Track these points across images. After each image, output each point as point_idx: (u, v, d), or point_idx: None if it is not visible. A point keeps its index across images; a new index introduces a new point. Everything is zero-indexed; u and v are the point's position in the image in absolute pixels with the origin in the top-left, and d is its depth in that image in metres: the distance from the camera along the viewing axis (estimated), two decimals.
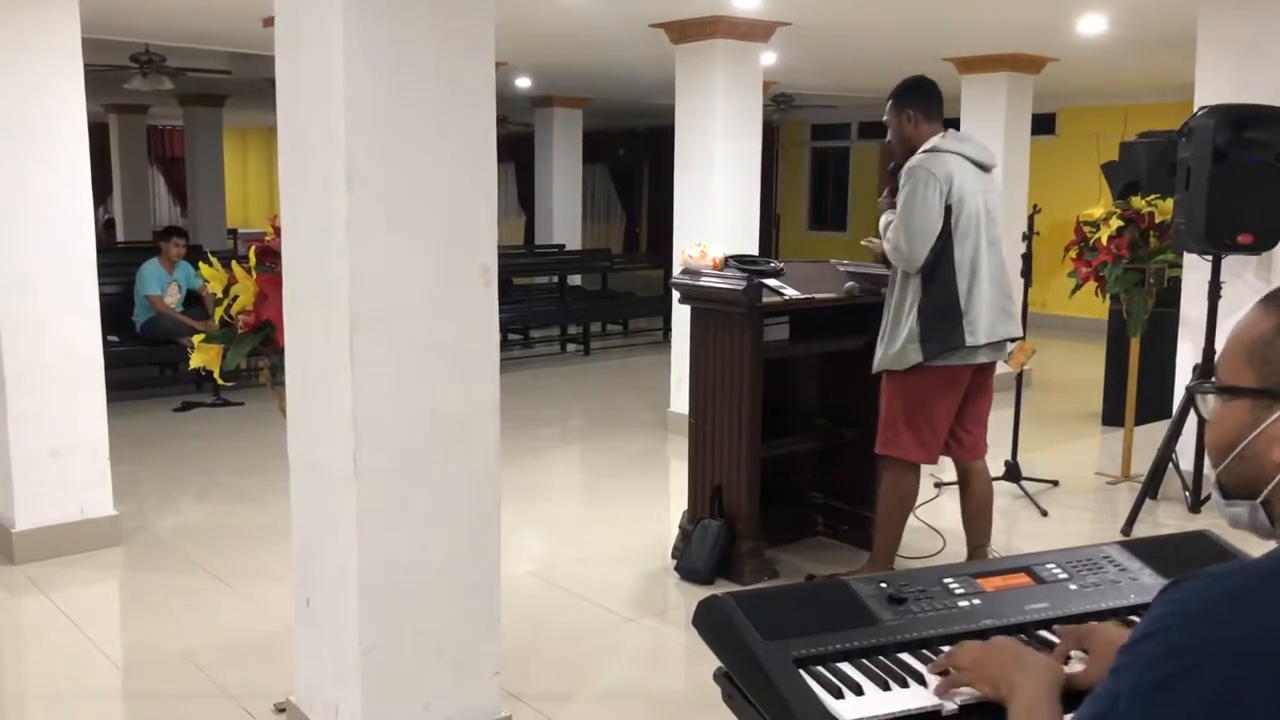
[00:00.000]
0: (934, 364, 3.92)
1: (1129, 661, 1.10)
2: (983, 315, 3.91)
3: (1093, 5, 6.46)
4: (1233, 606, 1.06)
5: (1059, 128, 12.32)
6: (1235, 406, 1.21)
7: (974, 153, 4.01)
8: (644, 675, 3.81)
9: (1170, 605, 1.10)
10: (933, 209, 3.86)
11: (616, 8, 6.53)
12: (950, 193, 3.87)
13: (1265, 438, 1.17)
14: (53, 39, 4.52)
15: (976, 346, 3.93)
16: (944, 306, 3.89)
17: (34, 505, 4.65)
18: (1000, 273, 4.00)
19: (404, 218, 2.74)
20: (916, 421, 4.02)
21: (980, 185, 3.97)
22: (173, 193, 18.86)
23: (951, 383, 4.00)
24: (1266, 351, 1.18)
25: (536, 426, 7.58)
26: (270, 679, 3.49)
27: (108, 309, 5.49)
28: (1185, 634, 1.06)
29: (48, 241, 4.58)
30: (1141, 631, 1.11)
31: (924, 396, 3.99)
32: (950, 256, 3.88)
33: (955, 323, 3.89)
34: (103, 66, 8.95)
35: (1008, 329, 4.04)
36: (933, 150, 3.95)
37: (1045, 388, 8.75)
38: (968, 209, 3.90)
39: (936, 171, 3.88)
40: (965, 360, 3.96)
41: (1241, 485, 1.22)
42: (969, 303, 3.90)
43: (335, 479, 2.80)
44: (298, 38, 2.80)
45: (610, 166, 18.64)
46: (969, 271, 3.90)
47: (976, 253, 3.92)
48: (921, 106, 4.07)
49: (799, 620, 1.56)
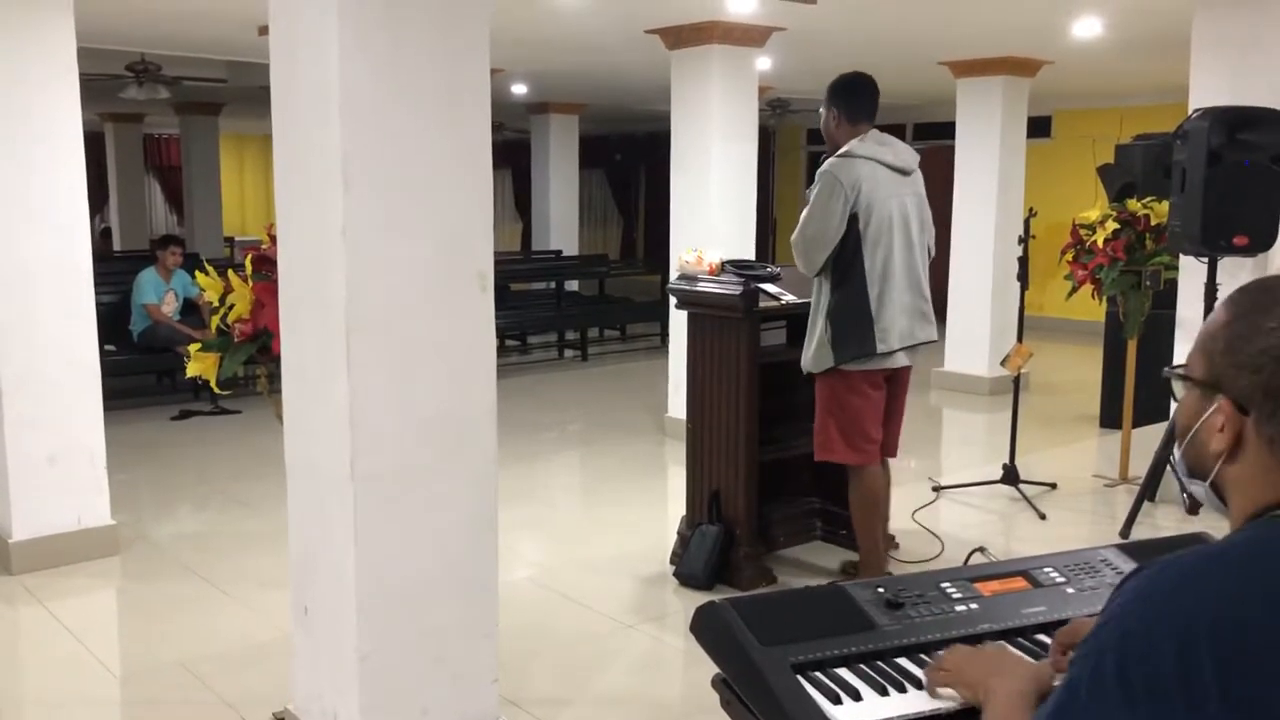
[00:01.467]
0: (847, 368, 3.96)
1: (1088, 650, 1.13)
2: (895, 321, 3.94)
3: (1088, 8, 6.47)
4: (1182, 589, 1.10)
5: (1055, 130, 12.34)
6: (1190, 395, 1.27)
7: (891, 158, 3.99)
8: (642, 681, 3.80)
9: (1125, 594, 1.14)
10: (833, 217, 3.87)
11: (612, 14, 6.53)
12: (857, 200, 3.88)
13: (1205, 427, 1.24)
14: (48, 48, 4.52)
15: (889, 352, 3.96)
16: (855, 312, 3.92)
17: (31, 515, 4.64)
18: (916, 277, 4.02)
19: (400, 223, 2.74)
20: (844, 425, 4.06)
21: (895, 189, 3.96)
22: (169, 201, 18.86)
23: (868, 387, 4.03)
24: (1212, 345, 1.23)
25: (534, 432, 7.57)
26: (268, 687, 3.48)
27: (105, 318, 5.49)
28: (1137, 619, 1.10)
29: (44, 250, 4.57)
30: (1100, 622, 1.15)
31: (846, 399, 4.03)
32: (860, 263, 3.91)
33: (867, 329, 3.92)
34: (99, 75, 8.94)
35: (926, 332, 4.07)
36: (846, 155, 3.97)
37: (1042, 390, 8.75)
38: (878, 215, 3.90)
39: (843, 179, 3.89)
40: (879, 365, 3.99)
41: (1196, 467, 1.29)
42: (880, 309, 3.91)
43: (332, 484, 2.80)
44: (293, 43, 2.80)
45: (607, 172, 18.65)
46: (880, 278, 3.91)
47: (889, 258, 3.93)
48: (846, 107, 4.06)
49: (797, 626, 1.56)
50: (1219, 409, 1.21)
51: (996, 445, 6.40)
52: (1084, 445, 7.17)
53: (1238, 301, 1.24)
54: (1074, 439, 7.31)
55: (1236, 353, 1.20)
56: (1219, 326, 1.24)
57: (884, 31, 7.26)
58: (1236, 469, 1.21)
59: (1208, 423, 1.23)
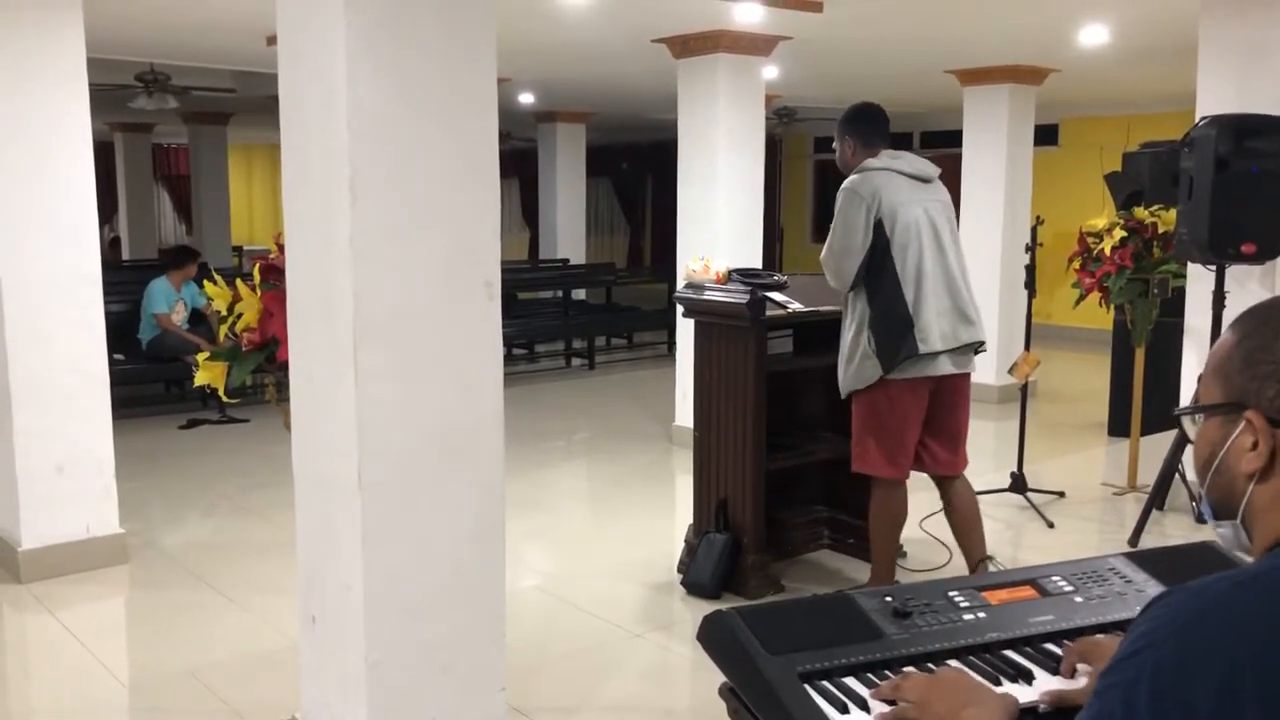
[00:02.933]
0: (894, 377, 3.94)
1: (1116, 680, 1.08)
2: (934, 322, 3.91)
3: (1094, 16, 6.47)
4: (1218, 618, 1.06)
5: (1062, 138, 12.33)
6: (1209, 424, 1.25)
7: (906, 167, 4.05)
8: (649, 690, 3.80)
9: (1155, 621, 1.09)
10: (856, 227, 3.92)
11: (619, 23, 6.55)
12: (880, 208, 3.91)
13: (1233, 450, 1.20)
14: (59, 59, 4.55)
15: (934, 354, 3.92)
16: (894, 318, 3.91)
17: (40, 523, 4.66)
18: (953, 278, 4.00)
19: (408, 232, 2.75)
20: (883, 438, 4.03)
21: (917, 196, 3.99)
22: (178, 210, 18.93)
23: (914, 396, 4.00)
24: (1228, 366, 1.22)
25: (541, 440, 7.58)
26: (276, 695, 3.49)
27: (113, 326, 5.51)
28: (1171, 649, 1.05)
29: (53, 259, 4.59)
30: (1128, 649, 1.09)
31: (888, 412, 4.00)
32: (892, 268, 3.91)
33: (907, 331, 3.89)
34: (108, 85, 8.99)
35: (970, 334, 4.01)
36: (861, 171, 4.05)
37: (1050, 398, 8.73)
38: (903, 219, 3.92)
39: (861, 190, 3.95)
40: (925, 371, 3.95)
41: (1222, 501, 1.25)
42: (918, 310, 3.90)
43: (340, 493, 2.80)
44: (301, 53, 2.81)
45: (614, 181, 18.67)
46: (914, 280, 3.91)
47: (920, 261, 3.93)
48: (860, 134, 4.17)
49: (804, 634, 1.55)
50: (1247, 427, 1.18)
51: (1004, 453, 6.39)
52: (1092, 453, 7.15)
53: (1245, 322, 1.22)
54: (1082, 447, 7.30)
55: (1258, 364, 1.17)
56: (1230, 348, 1.21)
57: (890, 40, 7.26)
58: (1267, 489, 1.17)
59: (1236, 444, 1.19)
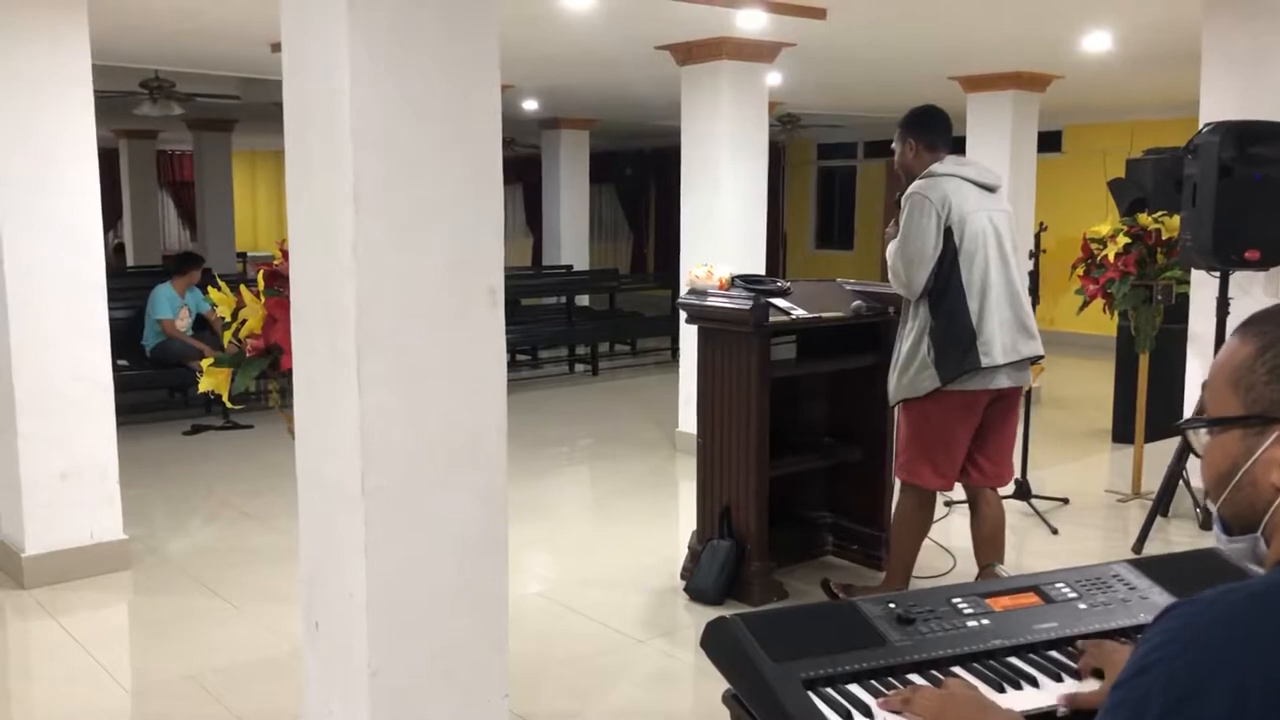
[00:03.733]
0: (951, 389, 3.86)
1: (1129, 694, 1.07)
2: (997, 335, 3.84)
3: (1097, 23, 6.47)
4: (1229, 632, 1.04)
5: (1065, 145, 12.33)
6: (1227, 437, 1.21)
7: (974, 174, 3.99)
8: (652, 697, 3.79)
9: (1165, 635, 1.07)
10: (928, 234, 3.83)
11: (622, 30, 6.56)
12: (949, 215, 3.84)
13: (1261, 463, 1.17)
14: (64, 66, 4.56)
15: (995, 368, 3.84)
16: (957, 328, 3.83)
17: (44, 529, 4.66)
18: (1015, 290, 3.94)
19: (411, 239, 2.75)
20: (933, 449, 3.96)
21: (984, 204, 3.93)
22: (182, 217, 18.97)
23: (969, 408, 3.92)
24: (1250, 378, 1.18)
25: (544, 446, 7.57)
26: (278, 701, 3.49)
27: (117, 333, 5.51)
28: (1183, 663, 1.04)
29: (58, 265, 4.60)
30: (1137, 664, 1.08)
31: (941, 423, 3.93)
32: (958, 278, 3.84)
33: (970, 344, 3.82)
34: (113, 92, 9.01)
35: (1030, 347, 3.94)
36: (929, 176, 3.95)
37: (1054, 405, 8.72)
38: (971, 228, 3.86)
39: (931, 196, 3.86)
40: (983, 384, 3.87)
41: (1240, 515, 1.22)
42: (981, 322, 3.83)
43: (343, 500, 2.80)
44: (305, 60, 2.81)
45: (617, 187, 18.69)
46: (979, 291, 3.84)
47: (986, 271, 3.86)
48: (923, 136, 4.07)
49: (808, 641, 1.55)
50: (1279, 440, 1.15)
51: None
52: (1096, 460, 7.14)
53: (1262, 331, 1.19)
54: (1086, 454, 7.29)
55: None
56: (1249, 358, 1.18)
57: (894, 47, 7.27)
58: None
59: (1264, 458, 1.16)
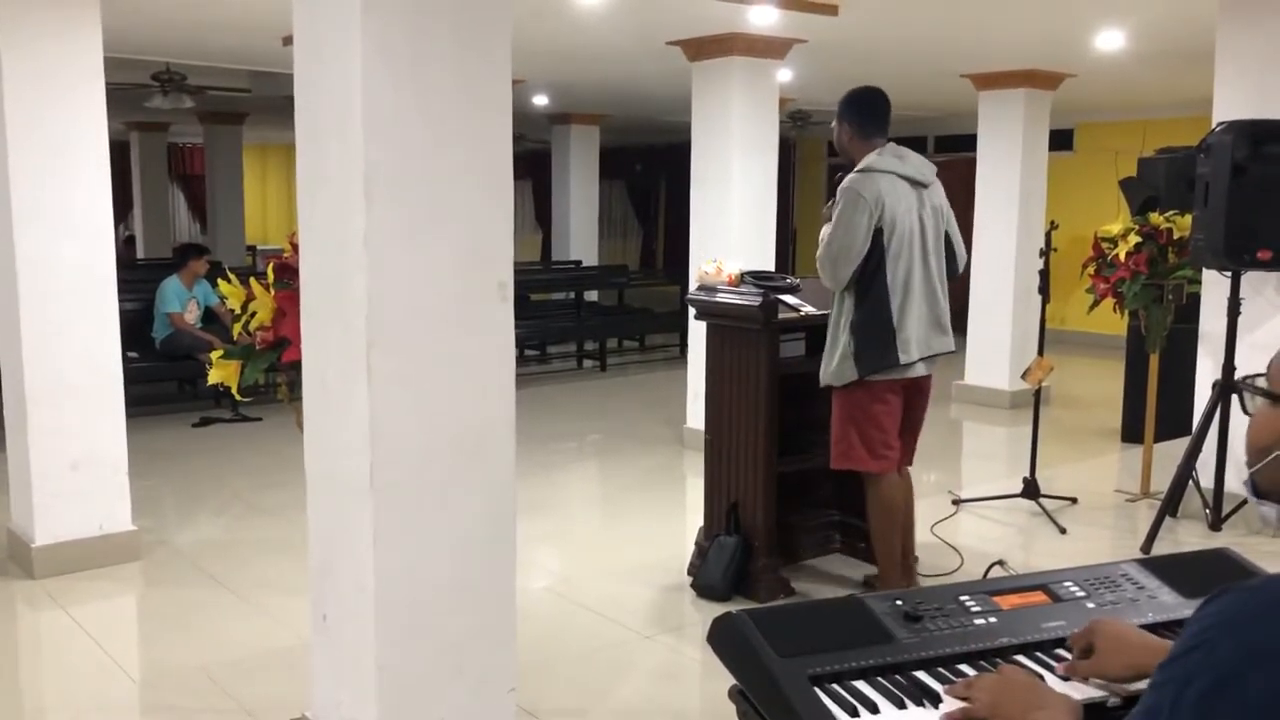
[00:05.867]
0: (870, 379, 4.01)
1: (1170, 677, 1.09)
2: (915, 333, 4.00)
3: (1110, 21, 6.45)
4: (1274, 616, 1.06)
5: (1077, 144, 12.28)
6: (1275, 413, 1.24)
7: (910, 170, 4.05)
8: (659, 692, 3.80)
9: (1210, 619, 1.10)
10: (858, 231, 3.91)
11: (633, 25, 6.55)
12: (882, 215, 3.93)
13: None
14: (76, 58, 4.57)
15: (910, 363, 4.01)
16: (878, 325, 3.97)
17: (54, 520, 4.68)
18: (933, 288, 4.08)
19: (422, 233, 2.75)
20: (866, 432, 4.09)
21: (914, 202, 4.02)
22: (192, 210, 19.00)
23: (890, 395, 4.08)
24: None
25: (553, 442, 7.58)
26: (287, 694, 3.49)
27: (128, 325, 5.53)
28: (1226, 646, 1.06)
29: (69, 257, 4.62)
30: (1182, 646, 1.10)
31: (867, 409, 4.08)
32: (883, 276, 3.96)
33: (889, 342, 3.97)
34: (124, 85, 9.03)
35: (942, 343, 4.12)
36: (866, 170, 4.01)
37: (1064, 404, 8.70)
38: (900, 228, 3.96)
39: (866, 194, 3.93)
40: (900, 375, 4.04)
41: (1274, 485, 1.25)
42: (901, 321, 3.97)
43: (352, 493, 2.81)
44: (317, 54, 2.82)
45: (627, 183, 18.68)
46: (902, 290, 3.97)
47: (910, 271, 3.99)
48: (857, 121, 4.12)
49: (815, 638, 1.55)
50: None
51: (1017, 459, 6.37)
52: (1105, 460, 7.12)
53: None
54: (1095, 453, 7.27)
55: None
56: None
57: (906, 44, 7.25)
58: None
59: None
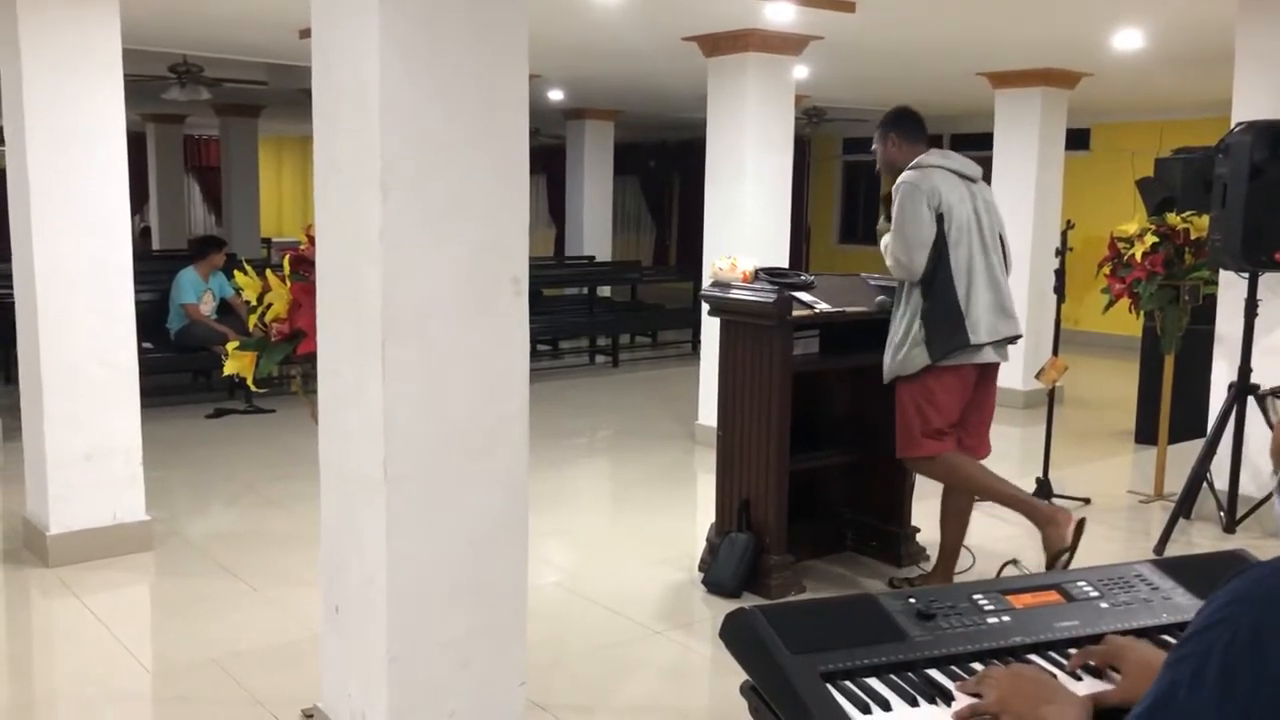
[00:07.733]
0: (941, 364, 4.11)
1: (1189, 652, 1.10)
2: (983, 316, 4.12)
3: (1128, 21, 6.42)
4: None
5: (1093, 144, 12.22)
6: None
7: (957, 165, 4.25)
8: (670, 688, 3.80)
9: (1232, 594, 1.11)
10: (924, 219, 4.09)
11: (649, 21, 6.55)
12: (940, 204, 4.10)
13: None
14: (94, 50, 4.59)
15: (980, 345, 4.11)
16: (946, 310, 4.09)
17: (68, 509, 4.71)
18: (995, 276, 4.20)
19: (437, 227, 2.76)
20: (930, 419, 4.18)
21: (966, 194, 4.19)
22: (208, 201, 19.07)
23: (958, 380, 4.17)
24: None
25: (564, 437, 7.59)
26: (297, 685, 3.51)
27: (143, 316, 5.55)
28: (1247, 621, 1.07)
29: (85, 248, 4.64)
30: (1202, 622, 1.12)
31: (934, 395, 4.17)
32: (946, 263, 4.11)
33: (958, 324, 4.09)
34: (141, 76, 9.06)
35: (1009, 327, 4.21)
36: (917, 167, 4.20)
37: (1078, 405, 8.67)
38: (957, 217, 4.12)
39: (922, 185, 4.12)
40: (970, 359, 4.14)
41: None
42: (969, 304, 4.10)
43: (365, 486, 2.82)
44: (334, 48, 2.82)
45: (641, 179, 18.67)
46: (965, 275, 4.11)
47: (971, 258, 4.13)
48: (903, 131, 4.35)
49: (827, 634, 1.55)
50: None
51: (1030, 459, 6.35)
52: (1119, 460, 7.10)
53: None
54: (1109, 454, 7.24)
55: None
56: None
57: (922, 42, 7.23)
58: None
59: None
